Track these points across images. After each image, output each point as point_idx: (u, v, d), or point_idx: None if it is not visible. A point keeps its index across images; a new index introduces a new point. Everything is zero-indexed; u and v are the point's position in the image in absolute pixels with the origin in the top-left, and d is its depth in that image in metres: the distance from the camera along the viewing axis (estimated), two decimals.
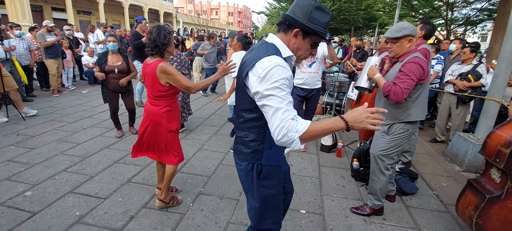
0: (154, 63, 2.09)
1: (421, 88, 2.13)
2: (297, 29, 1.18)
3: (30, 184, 2.71)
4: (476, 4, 12.78)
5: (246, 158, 1.31)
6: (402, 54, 2.13)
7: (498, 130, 1.86)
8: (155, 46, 2.08)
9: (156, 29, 2.08)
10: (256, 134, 1.27)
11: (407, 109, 2.15)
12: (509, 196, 1.79)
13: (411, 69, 2.00)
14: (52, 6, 19.79)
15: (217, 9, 61.92)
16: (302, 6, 1.16)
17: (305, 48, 1.23)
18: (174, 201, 2.47)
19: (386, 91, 2.07)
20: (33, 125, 4.33)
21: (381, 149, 2.27)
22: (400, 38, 2.07)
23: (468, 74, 3.92)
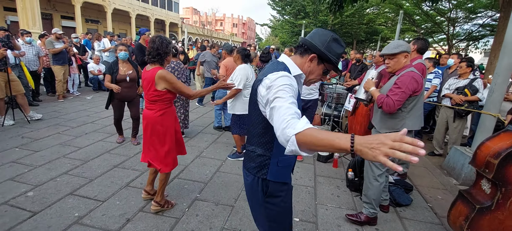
0: (154, 69, 2.21)
1: (416, 100, 2.22)
2: (314, 55, 1.26)
3: (32, 185, 2.78)
4: (478, 19, 12.89)
5: (252, 172, 1.32)
6: (398, 69, 2.25)
7: (487, 141, 1.90)
8: (157, 55, 2.22)
9: (158, 39, 2.23)
10: (263, 149, 1.29)
11: (402, 119, 2.25)
12: (499, 207, 1.82)
13: (405, 83, 2.12)
14: (61, 15, 20.37)
15: (222, 20, 63.03)
16: (322, 35, 1.26)
17: (317, 73, 1.31)
18: (168, 205, 2.53)
19: (379, 103, 2.20)
20: (38, 128, 4.44)
21: None
22: (397, 54, 2.22)
23: (464, 88, 3.97)
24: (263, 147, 1.29)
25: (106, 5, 22.12)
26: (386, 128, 2.31)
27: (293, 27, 21.66)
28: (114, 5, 22.94)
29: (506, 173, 1.73)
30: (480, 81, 3.97)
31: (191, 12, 57.14)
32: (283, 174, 1.34)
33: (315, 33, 1.29)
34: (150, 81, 2.21)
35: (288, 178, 1.39)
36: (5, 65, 4.43)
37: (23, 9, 15.38)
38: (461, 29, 15.02)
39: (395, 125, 2.27)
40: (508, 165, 1.72)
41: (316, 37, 1.27)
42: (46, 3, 18.68)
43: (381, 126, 2.36)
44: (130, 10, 25.05)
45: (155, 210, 2.45)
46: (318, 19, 19.00)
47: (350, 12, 17.25)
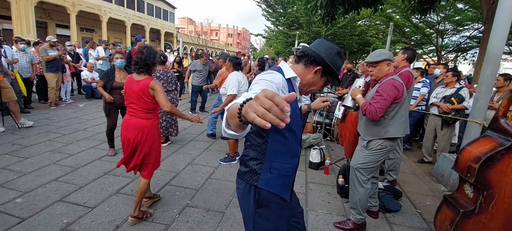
0: (145, 80, 2.27)
1: (398, 107, 2.27)
2: (320, 67, 1.25)
3: (21, 192, 2.75)
4: (465, 32, 13.32)
5: (244, 178, 1.26)
6: (381, 76, 2.32)
7: (468, 146, 1.97)
8: (145, 64, 2.28)
9: (146, 50, 2.29)
10: (255, 152, 1.23)
11: (385, 126, 2.29)
12: (482, 210, 1.87)
13: (386, 90, 2.18)
14: (56, 23, 20.36)
15: (217, 31, 63.62)
16: (328, 48, 1.27)
17: (319, 84, 1.32)
18: (147, 215, 2.48)
19: (363, 110, 2.26)
20: (28, 135, 4.39)
21: (360, 162, 2.40)
22: (379, 62, 2.29)
23: (451, 97, 4.09)
24: (255, 150, 1.24)
25: (101, 14, 22.23)
26: (370, 135, 2.36)
27: (287, 37, 22.01)
28: (109, 14, 23.06)
29: (486, 176, 1.79)
30: (466, 90, 4.10)
31: (186, 22, 57.63)
32: (277, 185, 1.22)
33: (320, 44, 1.28)
34: (144, 91, 2.26)
35: (285, 193, 1.25)
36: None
37: (18, 17, 15.36)
38: (450, 41, 15.48)
39: (378, 132, 2.31)
40: (488, 169, 1.78)
41: (322, 49, 1.26)
42: (41, 12, 18.70)
43: (365, 133, 2.41)
44: (125, 19, 25.18)
45: (134, 222, 2.37)
46: (311, 30, 19.37)
47: (342, 24, 17.64)
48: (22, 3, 15.53)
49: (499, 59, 3.46)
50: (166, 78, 4.15)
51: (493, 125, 1.99)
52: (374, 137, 2.33)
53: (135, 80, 2.30)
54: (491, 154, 1.77)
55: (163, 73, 4.15)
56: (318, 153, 3.84)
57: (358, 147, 2.48)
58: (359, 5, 7.50)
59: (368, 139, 2.36)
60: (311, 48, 1.28)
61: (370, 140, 2.34)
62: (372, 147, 2.33)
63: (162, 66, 4.23)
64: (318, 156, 3.83)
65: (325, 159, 3.83)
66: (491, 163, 1.78)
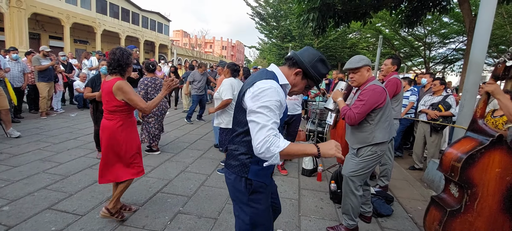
0: (112, 80, 2.23)
1: (381, 111, 2.27)
2: (299, 70, 1.38)
3: (8, 200, 2.68)
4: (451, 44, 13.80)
5: (235, 171, 1.38)
6: (363, 82, 2.33)
7: (451, 147, 2.04)
8: (118, 66, 2.25)
9: (119, 51, 2.28)
10: (246, 148, 1.35)
11: (372, 132, 2.29)
12: (468, 209, 1.91)
13: (367, 95, 2.19)
14: (50, 34, 20.30)
15: (211, 43, 64.29)
16: (310, 54, 1.39)
17: (300, 86, 1.44)
18: (119, 216, 2.43)
19: (342, 114, 2.30)
20: (18, 144, 4.31)
21: (352, 170, 2.38)
22: (360, 68, 2.29)
23: (439, 104, 4.22)
24: (245, 146, 1.36)
25: (96, 26, 22.29)
26: (358, 142, 2.35)
27: (280, 49, 22.38)
28: (104, 26, 23.15)
29: (469, 175, 1.85)
30: (452, 97, 4.24)
31: (181, 35, 58.11)
32: (263, 175, 1.39)
33: (305, 51, 1.42)
34: (108, 91, 2.23)
35: (268, 180, 1.45)
36: None
37: (11, 29, 15.28)
38: (437, 53, 15.99)
39: (365, 139, 2.30)
40: (470, 167, 1.84)
41: (305, 54, 1.39)
42: (34, 23, 18.65)
43: (353, 141, 2.40)
44: (120, 31, 25.30)
45: (105, 215, 2.36)
46: (303, 42, 19.76)
47: (334, 37, 18.08)
48: (15, 14, 15.49)
49: (481, 68, 3.61)
50: (154, 85, 4.23)
51: (472, 126, 2.06)
52: (362, 144, 2.32)
53: (106, 81, 2.29)
54: (472, 153, 1.83)
55: (152, 80, 4.24)
56: (311, 160, 3.87)
57: (348, 155, 2.47)
58: (349, 18, 7.76)
59: (356, 147, 2.37)
60: (297, 53, 1.42)
61: (360, 148, 2.35)
62: (362, 154, 2.33)
63: (151, 74, 4.32)
64: (311, 163, 3.86)
65: (317, 166, 3.86)
66: (473, 162, 1.84)
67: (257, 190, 1.38)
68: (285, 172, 3.89)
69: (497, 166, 1.86)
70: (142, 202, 2.85)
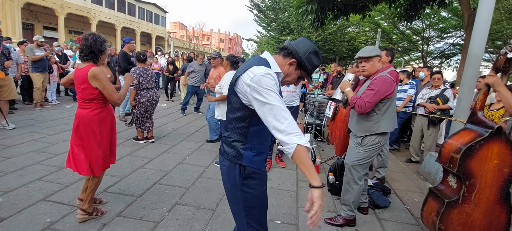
0: (86, 67, 2.11)
1: (389, 102, 2.32)
2: (294, 60, 1.38)
3: (1, 191, 2.64)
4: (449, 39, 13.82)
5: (228, 158, 1.38)
6: (373, 72, 2.36)
7: (450, 139, 2.04)
8: (90, 52, 2.13)
9: (92, 36, 2.14)
10: (239, 135, 1.35)
11: (377, 121, 2.33)
12: (465, 200, 1.92)
13: (377, 85, 2.22)
14: (43, 25, 19.93)
15: (209, 35, 63.69)
16: (305, 45, 1.39)
17: (293, 77, 1.44)
18: (98, 212, 2.37)
19: (352, 103, 2.30)
20: (11, 135, 4.25)
21: (355, 159, 2.41)
22: (372, 57, 2.33)
23: (437, 97, 4.22)
24: (239, 133, 1.36)
25: (91, 17, 21.92)
26: (362, 131, 2.38)
27: (278, 42, 22.21)
28: (99, 17, 22.77)
29: (468, 166, 1.85)
30: (450, 91, 4.24)
31: (178, 27, 57.45)
32: (256, 161, 1.39)
33: (300, 42, 1.42)
34: (83, 79, 2.11)
35: (263, 166, 1.44)
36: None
37: (3, 19, 14.96)
38: (435, 48, 16.02)
39: (371, 128, 2.34)
40: (468, 159, 1.84)
41: (300, 45, 1.39)
42: (28, 13, 18.28)
43: (358, 129, 2.43)
44: (115, 22, 24.91)
45: (82, 219, 2.26)
46: (302, 35, 19.61)
47: (332, 30, 17.99)
48: (7, 4, 15.16)
49: (479, 61, 3.61)
50: (145, 75, 4.21)
51: (472, 118, 2.07)
52: (367, 132, 2.36)
53: (79, 69, 2.17)
54: (471, 144, 1.83)
55: (143, 71, 4.22)
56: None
57: (352, 144, 2.50)
58: (348, 11, 7.69)
59: (361, 135, 2.39)
60: (292, 43, 1.42)
61: (364, 136, 2.37)
62: (367, 143, 2.36)
63: (142, 64, 4.30)
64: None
65: (316, 158, 3.86)
66: (471, 153, 1.84)
67: (251, 175, 1.38)
68: (283, 164, 3.89)
69: (495, 157, 1.87)
70: (139, 193, 2.83)
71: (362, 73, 2.43)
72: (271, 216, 2.59)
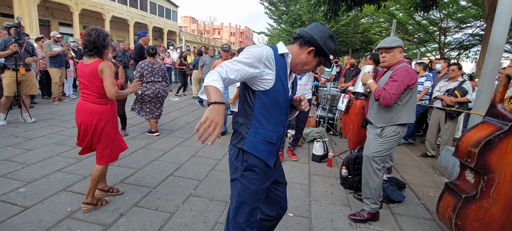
0: (94, 63, 2.16)
1: (411, 93, 2.29)
2: (313, 48, 1.35)
3: (24, 182, 2.77)
4: (468, 29, 13.25)
5: (233, 142, 1.39)
6: (393, 63, 2.33)
7: (468, 132, 1.97)
8: (94, 48, 2.17)
9: (95, 32, 2.16)
10: (243, 117, 1.36)
11: (398, 112, 2.30)
12: (483, 195, 1.87)
13: (400, 76, 2.19)
14: (59, 21, 20.45)
15: (219, 29, 63.69)
16: (321, 31, 1.36)
17: (312, 64, 1.41)
18: (102, 202, 2.44)
19: (376, 95, 2.26)
20: (32, 128, 4.43)
21: (375, 151, 2.39)
22: (394, 48, 2.30)
23: (454, 90, 4.08)
24: (243, 115, 1.37)
25: (104, 12, 22.30)
26: (383, 122, 2.36)
27: (290, 35, 21.97)
28: (112, 13, 23.13)
29: (486, 160, 1.79)
30: (468, 83, 4.09)
31: (189, 21, 57.71)
32: (261, 150, 1.34)
33: (315, 27, 1.38)
34: (93, 74, 2.16)
35: (269, 159, 1.38)
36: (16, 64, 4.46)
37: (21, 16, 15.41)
38: (453, 39, 15.40)
39: (391, 119, 2.32)
40: (487, 153, 1.78)
41: (316, 31, 1.36)
42: (44, 10, 18.79)
43: (377, 120, 2.40)
44: (128, 17, 25.25)
45: (87, 210, 2.34)
46: None
47: (345, 22, 17.61)
48: (25, 1, 15.62)
49: (501, 51, 3.45)
50: (150, 69, 4.28)
51: (491, 111, 2.00)
52: (387, 123, 2.33)
53: (85, 64, 2.20)
54: (490, 138, 1.77)
55: (149, 64, 4.29)
56: (321, 146, 3.84)
57: (371, 136, 2.46)
58: (362, 1, 7.49)
59: (380, 126, 2.37)
60: (306, 30, 1.38)
61: (384, 127, 2.35)
62: (386, 134, 2.34)
63: (151, 58, 4.37)
64: (321, 149, 3.83)
65: (328, 152, 3.83)
66: (490, 147, 1.78)
67: (252, 168, 1.33)
68: (295, 157, 3.88)
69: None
70: (154, 185, 2.90)
71: (382, 64, 2.40)
72: None
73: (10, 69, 4.50)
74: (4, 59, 4.47)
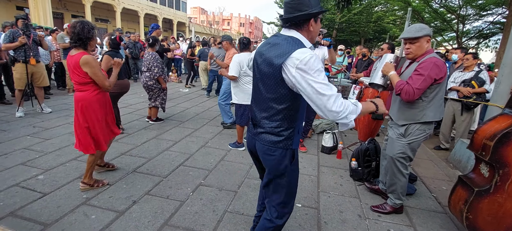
0: (78, 55, 2.24)
1: (438, 88, 2.08)
2: (311, 20, 1.32)
3: (42, 169, 2.89)
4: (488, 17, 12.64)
5: (280, 146, 1.38)
6: (420, 55, 2.10)
7: (484, 125, 1.91)
8: (78, 39, 2.23)
9: (79, 24, 2.23)
10: (289, 122, 1.37)
11: (423, 109, 2.11)
12: (498, 189, 1.82)
13: (427, 69, 1.96)
14: (72, 13, 20.81)
15: (229, 20, 63.27)
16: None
17: (317, 29, 1.38)
18: (99, 184, 2.61)
19: (398, 90, 2.06)
20: (49, 119, 4.58)
21: (399, 151, 2.26)
22: (420, 38, 2.06)
23: (471, 80, 3.93)
24: (289, 120, 1.37)
25: (115, 4, 22.51)
26: (404, 119, 2.19)
27: None
28: (123, 4, 23.31)
29: (502, 154, 1.73)
30: (485, 73, 3.93)
31: (198, 12, 57.55)
32: (298, 141, 1.48)
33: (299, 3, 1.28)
34: (76, 66, 2.25)
35: None
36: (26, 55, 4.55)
37: (35, 8, 15.79)
38: (471, 27, 14.74)
39: (415, 116, 2.14)
40: (504, 146, 1.72)
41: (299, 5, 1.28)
42: (57, 2, 19.13)
43: (399, 117, 2.24)
44: (138, 9, 25.41)
45: (85, 189, 2.53)
46: (325, 17, 18.91)
47: (358, 10, 17.12)
48: None
49: None
50: (151, 59, 4.39)
51: (511, 102, 1.91)
52: (410, 121, 2.16)
53: (71, 55, 2.29)
54: (507, 131, 1.70)
55: (151, 54, 4.42)
56: (331, 137, 3.81)
57: (393, 135, 2.31)
58: None
59: (402, 123, 2.21)
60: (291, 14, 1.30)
61: (408, 126, 2.18)
62: (411, 132, 2.18)
63: (151, 49, 4.49)
64: (331, 140, 3.80)
65: (337, 144, 3.80)
66: (507, 140, 1.71)
67: (296, 157, 1.50)
68: (304, 149, 3.87)
69: None
70: (165, 174, 2.97)
71: (407, 56, 2.18)
72: None
73: (20, 61, 4.54)
74: (13, 51, 4.53)
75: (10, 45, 4.43)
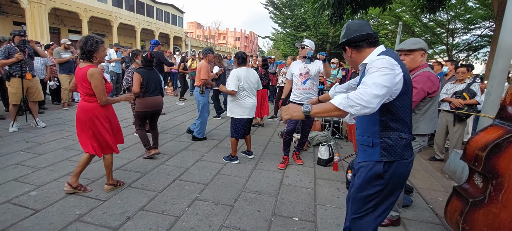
0: (86, 67, 2.45)
1: (431, 102, 2.14)
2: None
3: (35, 185, 2.83)
4: (476, 30, 13.05)
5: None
6: (414, 68, 2.17)
7: (475, 136, 1.94)
8: (83, 53, 2.47)
9: (84, 39, 2.47)
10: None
11: (416, 122, 2.15)
12: (492, 200, 1.83)
13: (420, 82, 2.03)
14: (69, 28, 20.96)
15: (225, 34, 64.20)
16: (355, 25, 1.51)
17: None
18: (120, 183, 2.90)
19: None
20: (43, 133, 4.53)
21: None
22: (414, 51, 2.13)
23: (462, 92, 4.02)
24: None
25: (112, 19, 22.76)
26: None
27: (294, 39, 22.02)
28: (120, 19, 23.59)
29: (494, 164, 1.76)
30: (477, 85, 4.02)
31: (195, 27, 58.36)
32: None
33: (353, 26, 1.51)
34: (83, 78, 2.45)
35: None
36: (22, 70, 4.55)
37: (32, 24, 15.87)
38: (461, 40, 15.18)
39: None
40: (495, 157, 1.75)
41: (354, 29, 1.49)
42: (54, 18, 19.29)
43: None
44: (135, 24, 25.71)
45: (109, 189, 2.78)
46: (319, 32, 19.32)
47: None
48: (36, 9, 16.07)
49: (511, 52, 3.38)
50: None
51: (501, 113, 1.96)
52: None
53: (80, 68, 2.50)
54: (498, 142, 1.74)
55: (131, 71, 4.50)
56: (326, 150, 3.82)
57: None
58: (367, 4, 7.46)
59: None
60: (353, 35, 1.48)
61: None
62: None
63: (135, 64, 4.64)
64: (326, 153, 3.81)
65: (334, 156, 3.81)
66: (498, 151, 1.74)
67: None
68: (300, 161, 3.87)
69: None
70: (161, 188, 2.93)
71: None
72: (288, 213, 2.60)
73: (16, 76, 4.55)
74: (8, 66, 4.54)
75: (5, 61, 4.44)
